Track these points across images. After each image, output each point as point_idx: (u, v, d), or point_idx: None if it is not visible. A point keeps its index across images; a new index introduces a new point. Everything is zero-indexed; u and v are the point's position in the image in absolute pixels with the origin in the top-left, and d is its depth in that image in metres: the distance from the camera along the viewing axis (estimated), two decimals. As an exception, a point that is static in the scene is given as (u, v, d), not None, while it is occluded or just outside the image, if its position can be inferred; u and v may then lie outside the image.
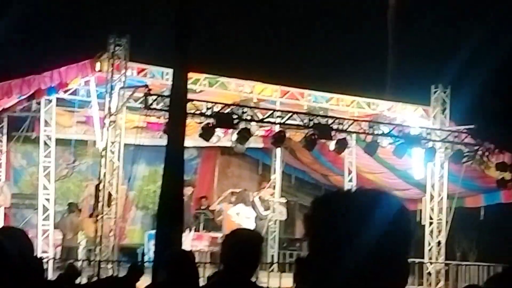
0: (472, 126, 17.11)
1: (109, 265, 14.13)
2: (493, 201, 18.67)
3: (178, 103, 12.69)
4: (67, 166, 19.35)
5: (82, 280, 13.38)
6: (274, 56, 19.91)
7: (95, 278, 13.70)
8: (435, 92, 17.76)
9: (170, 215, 11.98)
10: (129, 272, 11.42)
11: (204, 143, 16.82)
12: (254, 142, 17.85)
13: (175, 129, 12.63)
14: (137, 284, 11.45)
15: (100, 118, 15.46)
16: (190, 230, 17.87)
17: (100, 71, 14.75)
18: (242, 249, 4.48)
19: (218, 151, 21.08)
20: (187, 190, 18.36)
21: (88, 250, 17.11)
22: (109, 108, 14.69)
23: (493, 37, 20.18)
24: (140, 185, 20.14)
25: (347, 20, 22.35)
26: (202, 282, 5.81)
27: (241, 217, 17.44)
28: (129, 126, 16.11)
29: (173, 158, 12.37)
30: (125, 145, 15.29)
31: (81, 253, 17.61)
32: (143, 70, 15.34)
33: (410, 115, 17.81)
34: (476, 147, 14.03)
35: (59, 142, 17.08)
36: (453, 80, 18.59)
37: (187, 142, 13.36)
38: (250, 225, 17.58)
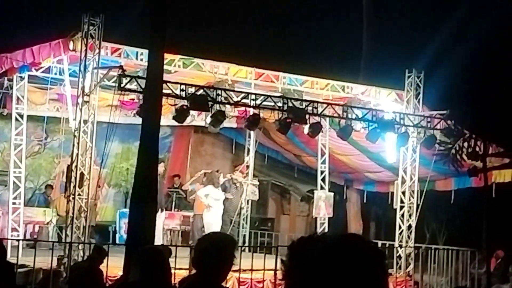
0: (445, 112, 17.19)
1: (80, 246, 14.08)
2: (463, 185, 18.83)
3: (154, 84, 12.57)
4: (39, 143, 19.21)
5: (53, 260, 13.40)
6: (249, 38, 19.84)
7: (65, 260, 13.67)
8: (409, 76, 17.79)
9: (144, 195, 11.97)
10: (93, 253, 11.41)
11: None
12: (228, 122, 17.80)
13: (151, 111, 12.55)
14: (110, 265, 11.48)
15: (73, 96, 15.30)
16: (162, 210, 17.87)
17: (73, 50, 14.56)
18: (215, 254, 4.49)
19: (192, 129, 21.02)
20: (159, 168, 18.33)
21: (59, 228, 17.03)
22: (82, 88, 14.53)
23: (467, 22, 20.22)
24: (113, 162, 20.01)
25: (322, 4, 22.30)
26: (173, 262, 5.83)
27: (209, 198, 17.43)
28: (102, 105, 15.96)
29: (149, 140, 12.30)
30: (98, 122, 15.15)
31: (51, 231, 17.54)
32: (117, 50, 15.17)
33: (383, 99, 17.84)
34: (449, 145, 14.04)
35: (31, 118, 16.92)
36: (427, 65, 18.64)
37: (161, 121, 13.27)
38: (219, 206, 17.58)
